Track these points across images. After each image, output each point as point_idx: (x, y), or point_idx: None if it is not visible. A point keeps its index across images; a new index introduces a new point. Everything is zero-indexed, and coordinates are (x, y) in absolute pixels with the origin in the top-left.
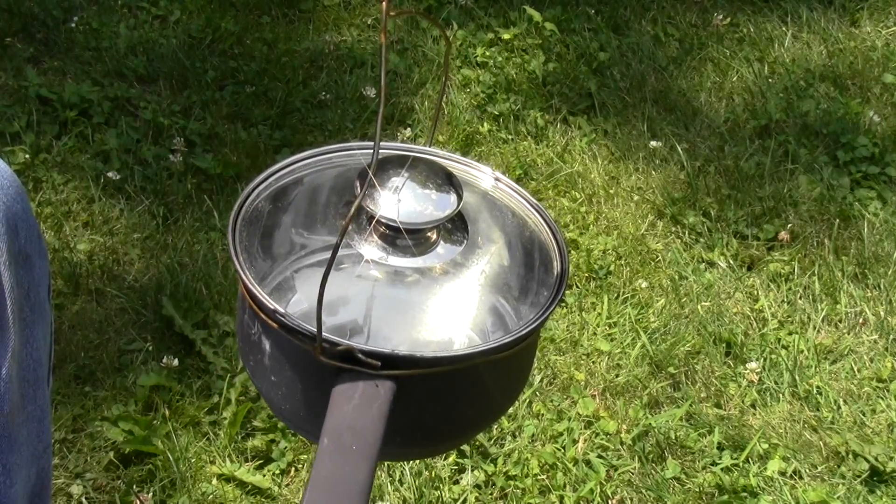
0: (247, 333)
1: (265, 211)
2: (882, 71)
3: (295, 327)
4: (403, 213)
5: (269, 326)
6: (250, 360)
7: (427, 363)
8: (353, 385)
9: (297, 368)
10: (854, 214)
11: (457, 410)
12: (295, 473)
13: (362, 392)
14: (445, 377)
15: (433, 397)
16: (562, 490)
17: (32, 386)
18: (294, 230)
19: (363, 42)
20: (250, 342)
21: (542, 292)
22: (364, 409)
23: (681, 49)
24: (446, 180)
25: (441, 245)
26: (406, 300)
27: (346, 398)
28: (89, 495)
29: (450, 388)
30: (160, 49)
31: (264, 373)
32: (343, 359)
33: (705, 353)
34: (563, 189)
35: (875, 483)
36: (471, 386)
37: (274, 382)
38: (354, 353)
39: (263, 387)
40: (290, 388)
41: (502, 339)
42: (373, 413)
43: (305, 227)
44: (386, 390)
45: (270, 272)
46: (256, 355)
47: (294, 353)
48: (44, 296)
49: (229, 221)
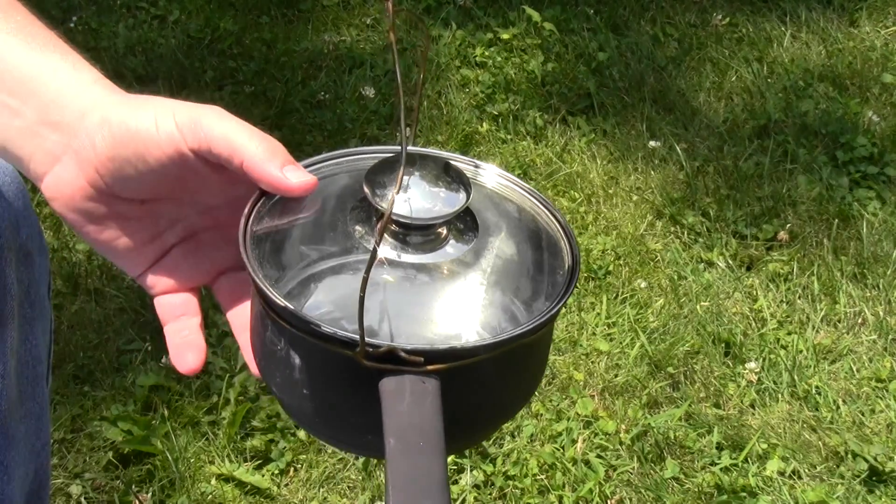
0: (270, 350)
1: (271, 219)
2: (881, 71)
3: (333, 335)
4: (414, 210)
5: (298, 339)
6: (276, 378)
7: (469, 353)
8: (400, 385)
9: (333, 377)
10: (853, 214)
11: (492, 399)
12: (294, 473)
13: (411, 390)
14: (481, 367)
15: (473, 388)
16: (561, 490)
17: (31, 383)
18: (302, 237)
19: (362, 42)
20: (276, 359)
21: (554, 281)
22: (418, 406)
23: (680, 49)
24: (454, 176)
25: (451, 242)
26: (418, 298)
27: (398, 399)
28: (88, 495)
29: (486, 377)
30: (159, 49)
31: (294, 388)
32: (386, 360)
33: (704, 353)
34: (563, 189)
35: (874, 483)
36: (505, 372)
37: (306, 395)
38: (397, 352)
39: (294, 403)
40: (325, 399)
41: (532, 322)
42: (428, 408)
43: (313, 233)
44: (433, 385)
45: (281, 280)
46: (284, 371)
47: (330, 363)
48: (44, 293)
49: (240, 240)
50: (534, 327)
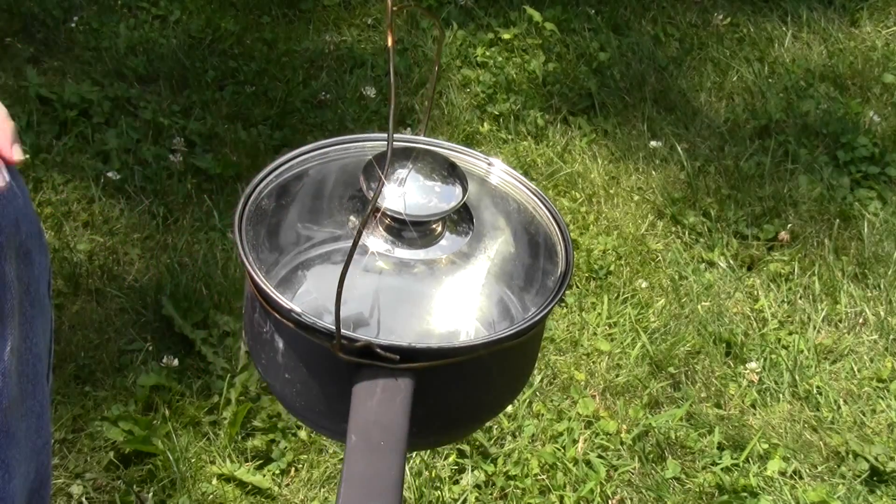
0: (258, 332)
1: (271, 204)
2: (882, 71)
3: (312, 325)
4: (409, 205)
5: (282, 325)
6: (262, 359)
7: (444, 354)
8: (373, 380)
9: (312, 365)
10: (854, 214)
11: (472, 398)
12: (295, 473)
13: (384, 387)
14: (461, 367)
15: (449, 387)
16: (562, 490)
17: (32, 381)
18: (299, 223)
19: (363, 42)
20: (262, 340)
21: (547, 281)
22: (388, 403)
23: (681, 49)
24: (451, 172)
25: (446, 237)
26: (412, 292)
27: (369, 394)
28: (89, 495)
29: (465, 376)
30: (160, 49)
31: (278, 371)
32: (362, 354)
33: (705, 353)
34: (563, 189)
35: (875, 483)
36: (484, 374)
37: (288, 380)
38: (373, 348)
39: (277, 385)
40: (305, 384)
41: (516, 327)
42: (396, 407)
43: (311, 219)
44: (406, 384)
45: (276, 264)
46: (269, 353)
47: (310, 350)
48: (44, 291)
49: (234, 221)
50: (516, 332)
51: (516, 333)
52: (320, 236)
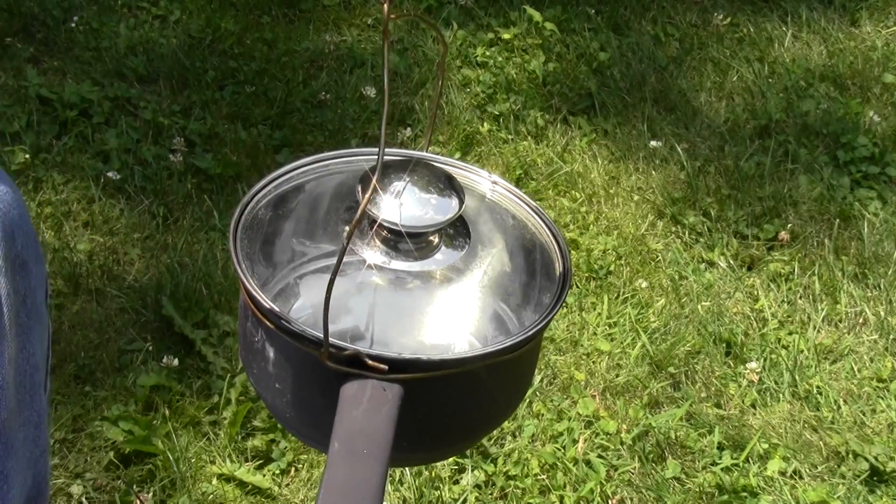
0: (250, 341)
1: (266, 217)
2: (882, 71)
3: (301, 333)
4: (405, 218)
5: (273, 333)
6: (253, 368)
7: (434, 366)
8: (361, 390)
9: (302, 375)
10: (854, 214)
11: (462, 413)
12: (295, 473)
13: (371, 396)
14: (451, 380)
15: (439, 400)
16: (562, 490)
17: (29, 391)
18: (295, 237)
19: (363, 42)
20: (253, 350)
21: (544, 296)
22: (373, 413)
23: (681, 49)
24: (448, 184)
25: (442, 250)
26: (407, 305)
27: (355, 403)
28: (89, 495)
29: (456, 391)
30: (160, 49)
31: (268, 380)
32: (350, 363)
33: (705, 353)
34: (563, 189)
35: (875, 483)
36: (476, 389)
37: (278, 390)
38: (361, 357)
39: (268, 395)
40: (295, 395)
41: (507, 342)
42: (382, 417)
43: (307, 234)
44: (394, 394)
45: (272, 278)
46: (260, 363)
47: (299, 360)
48: (41, 301)
49: (230, 228)
50: (508, 346)
51: (508, 348)
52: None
